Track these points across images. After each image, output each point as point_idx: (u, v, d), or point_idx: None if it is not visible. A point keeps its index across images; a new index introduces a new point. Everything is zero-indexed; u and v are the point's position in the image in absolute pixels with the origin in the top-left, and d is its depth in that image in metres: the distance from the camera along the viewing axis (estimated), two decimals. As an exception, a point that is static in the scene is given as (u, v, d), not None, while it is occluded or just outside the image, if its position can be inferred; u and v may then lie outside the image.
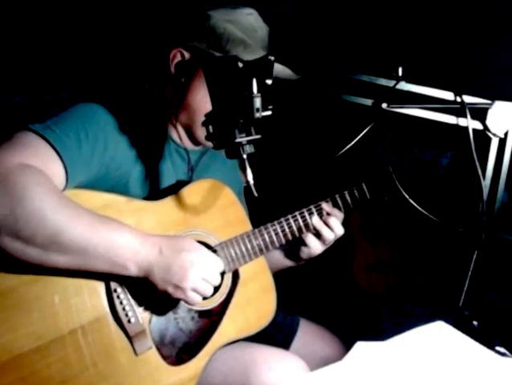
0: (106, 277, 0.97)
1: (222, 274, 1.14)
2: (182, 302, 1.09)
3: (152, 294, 1.00)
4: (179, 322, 1.09)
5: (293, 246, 1.29)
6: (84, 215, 0.91)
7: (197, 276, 0.98)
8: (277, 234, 1.23)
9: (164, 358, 1.05)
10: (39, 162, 0.90)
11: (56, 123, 0.97)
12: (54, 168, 0.93)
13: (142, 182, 1.13)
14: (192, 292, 0.99)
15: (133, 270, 0.94)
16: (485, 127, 1.13)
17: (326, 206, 1.27)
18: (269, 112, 0.98)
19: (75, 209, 0.91)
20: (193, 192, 1.16)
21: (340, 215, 1.27)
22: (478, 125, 1.13)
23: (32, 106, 1.97)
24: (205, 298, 1.06)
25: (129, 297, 1.01)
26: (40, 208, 0.85)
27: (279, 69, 1.08)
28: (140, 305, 1.03)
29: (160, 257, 0.96)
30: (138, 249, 0.94)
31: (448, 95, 1.14)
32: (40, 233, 0.85)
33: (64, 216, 0.88)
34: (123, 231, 0.95)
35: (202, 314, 1.13)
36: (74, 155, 0.97)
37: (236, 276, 1.20)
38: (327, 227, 1.23)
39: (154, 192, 1.15)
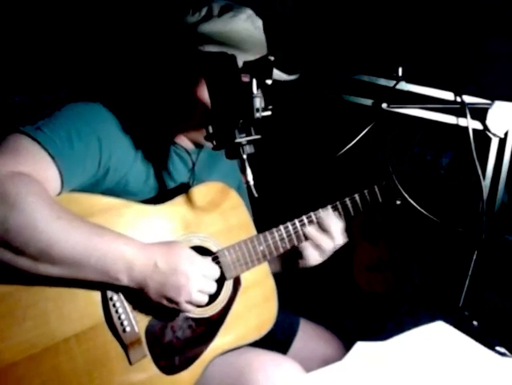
0: (102, 285, 0.95)
1: (222, 281, 1.11)
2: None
3: (148, 303, 0.99)
4: (176, 330, 1.06)
5: (289, 253, 1.24)
6: (78, 227, 0.89)
7: (193, 289, 0.98)
8: (282, 239, 1.19)
9: (160, 367, 1.02)
10: (31, 168, 0.88)
11: (47, 124, 0.94)
12: (47, 173, 0.91)
13: (142, 184, 1.11)
14: (187, 304, 0.99)
15: (126, 282, 0.93)
16: (485, 127, 1.13)
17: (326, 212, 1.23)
18: (269, 112, 0.98)
19: (68, 221, 0.88)
20: (195, 196, 1.13)
21: (340, 223, 1.23)
22: (478, 125, 1.13)
23: (32, 106, 1.97)
24: (202, 306, 1.05)
25: (125, 305, 0.99)
26: (31, 220, 0.83)
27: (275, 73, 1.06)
28: (136, 313, 1.01)
29: (154, 272, 0.94)
30: (132, 263, 0.92)
31: (448, 95, 1.14)
32: (31, 246, 0.83)
33: (56, 228, 0.85)
34: (118, 243, 0.93)
35: (200, 321, 1.09)
36: (66, 155, 0.94)
37: (237, 283, 1.16)
38: (327, 235, 1.20)
39: (154, 194, 1.14)
